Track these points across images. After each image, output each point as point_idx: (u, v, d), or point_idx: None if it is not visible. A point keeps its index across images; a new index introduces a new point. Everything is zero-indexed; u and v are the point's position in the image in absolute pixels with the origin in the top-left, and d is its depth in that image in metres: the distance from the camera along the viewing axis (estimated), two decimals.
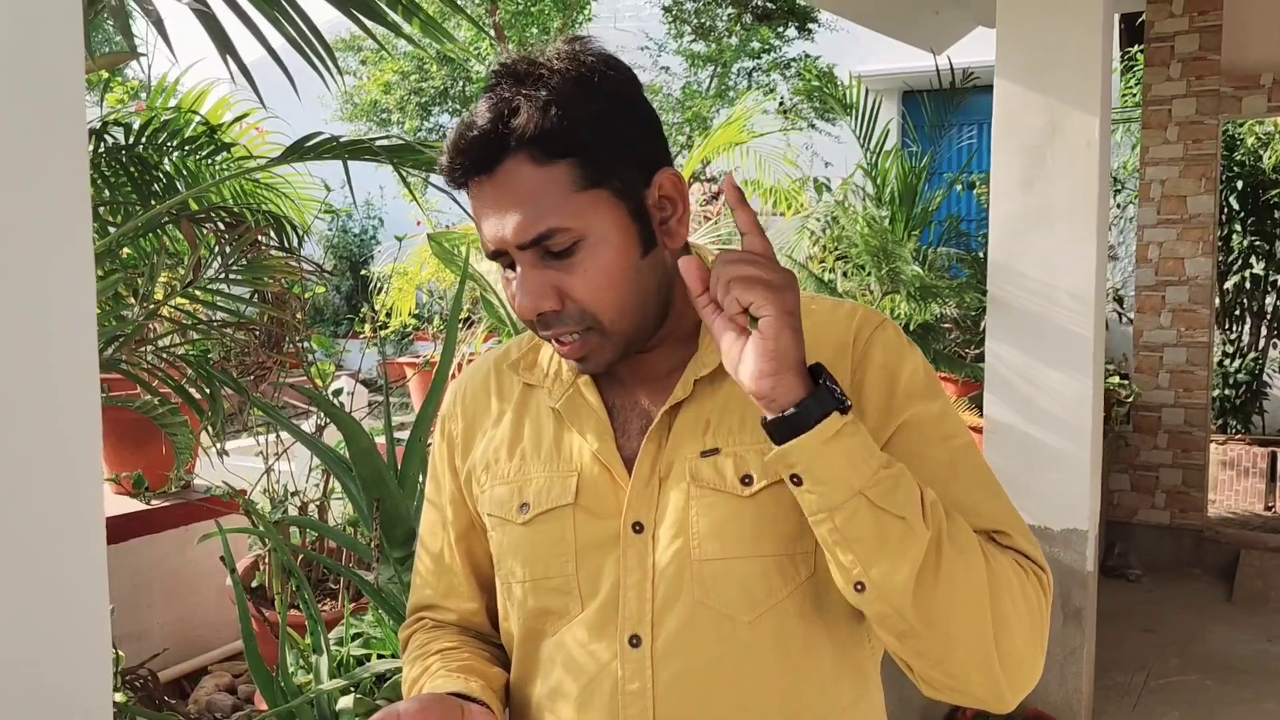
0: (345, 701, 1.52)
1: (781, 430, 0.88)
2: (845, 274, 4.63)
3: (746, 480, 0.97)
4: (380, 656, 1.71)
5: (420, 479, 1.86)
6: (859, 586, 0.89)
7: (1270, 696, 4.02)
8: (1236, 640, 4.40)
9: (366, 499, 1.83)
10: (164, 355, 1.83)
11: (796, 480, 0.89)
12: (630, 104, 0.97)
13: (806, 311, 0.98)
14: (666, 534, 0.99)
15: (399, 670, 1.64)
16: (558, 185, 0.93)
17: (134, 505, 2.34)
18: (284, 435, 2.23)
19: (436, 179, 1.94)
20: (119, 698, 1.38)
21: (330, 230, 11.78)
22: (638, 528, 1.00)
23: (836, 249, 4.56)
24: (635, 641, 0.99)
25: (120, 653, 1.47)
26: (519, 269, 0.96)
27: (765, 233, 0.91)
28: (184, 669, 2.50)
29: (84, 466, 0.88)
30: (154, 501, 2.34)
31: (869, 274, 4.24)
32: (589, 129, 0.93)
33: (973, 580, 0.91)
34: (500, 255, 0.97)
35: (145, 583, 2.48)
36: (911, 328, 3.67)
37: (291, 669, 1.70)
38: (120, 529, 2.34)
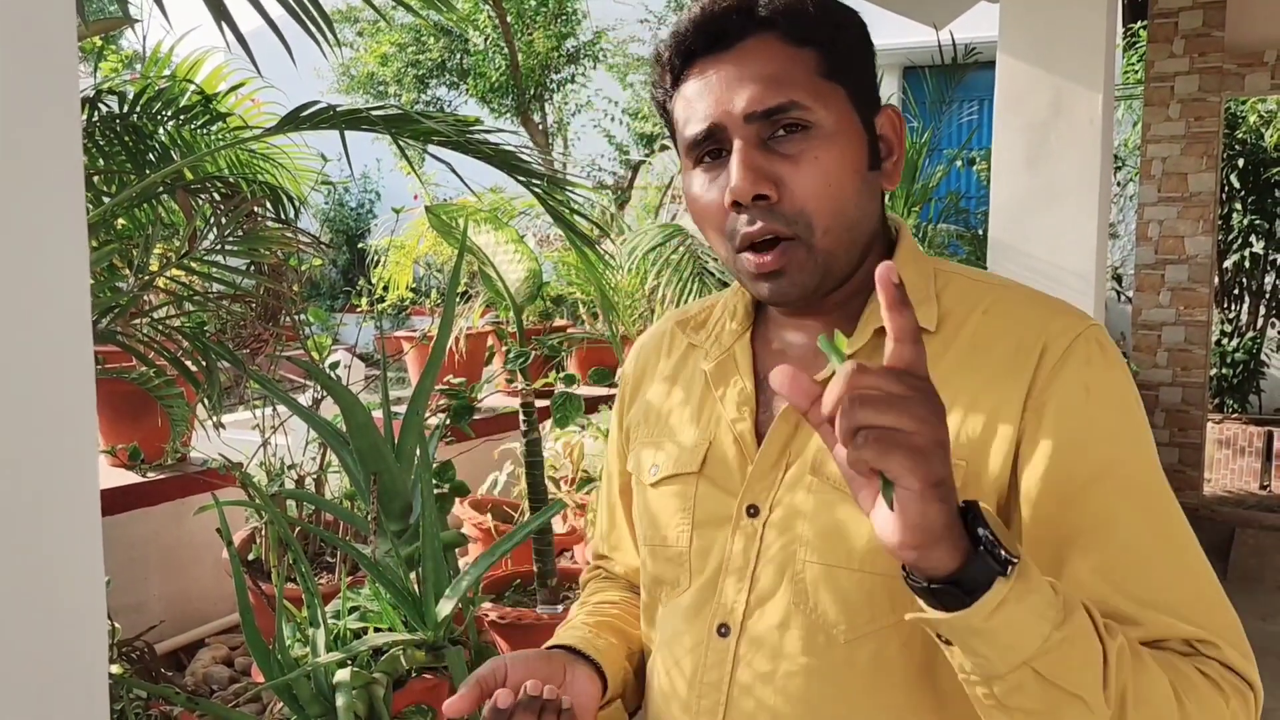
0: (342, 674, 1.51)
1: (929, 597, 0.72)
2: None
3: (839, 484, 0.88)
4: (377, 630, 1.70)
5: (417, 453, 1.85)
6: None
7: (1264, 673, 4.04)
8: None
9: (364, 472, 1.82)
10: (160, 327, 1.81)
11: (945, 641, 0.74)
12: (860, 32, 0.94)
13: (991, 301, 0.92)
14: (777, 525, 0.92)
15: (396, 644, 1.64)
16: (803, 67, 0.89)
17: (130, 478, 2.33)
18: (280, 409, 2.22)
19: (435, 149, 1.93)
20: (115, 670, 1.37)
21: (327, 204, 11.72)
22: (752, 511, 0.94)
23: None
24: (724, 631, 0.94)
25: (116, 625, 1.46)
26: (735, 150, 0.89)
27: (921, 345, 0.70)
28: (181, 641, 2.50)
29: (78, 437, 0.87)
30: (150, 474, 2.33)
31: None
32: (835, 25, 0.91)
33: None
34: (709, 139, 0.91)
35: (141, 555, 2.47)
36: None
37: (288, 642, 1.69)
38: (116, 501, 2.32)
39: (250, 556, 2.25)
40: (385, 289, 3.83)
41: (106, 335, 1.76)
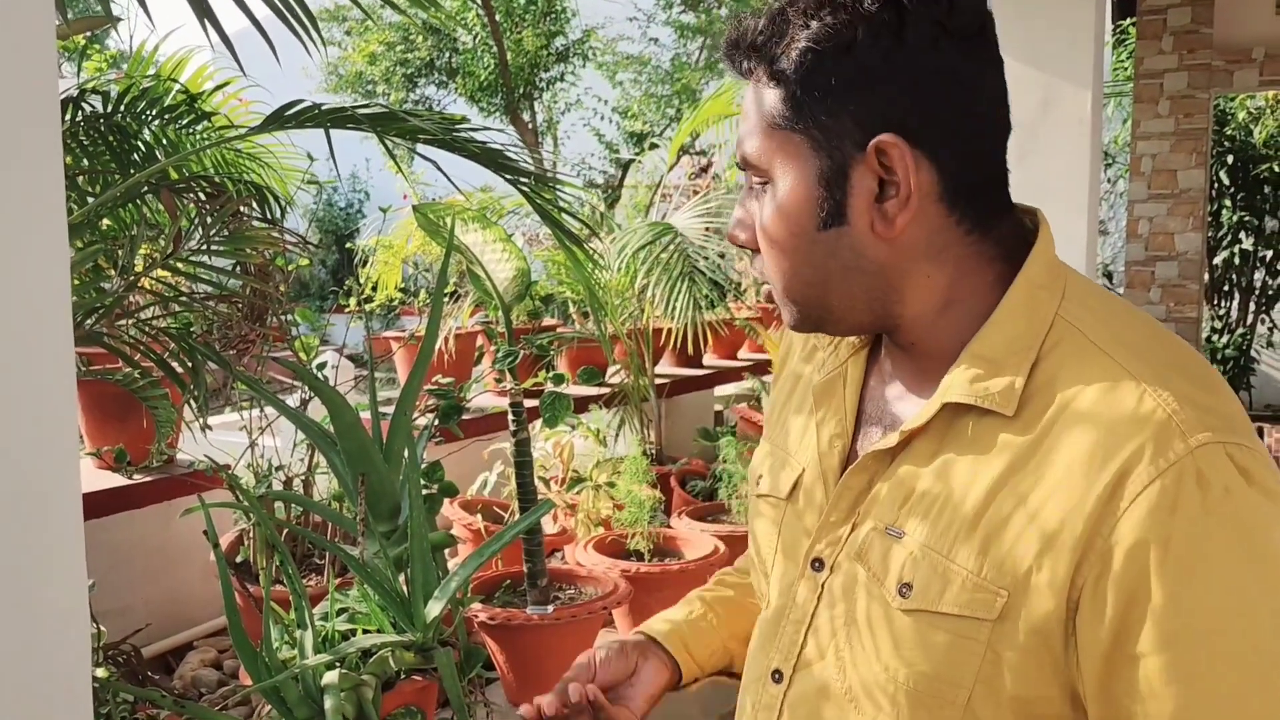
0: (330, 676, 1.50)
1: None
2: None
3: (904, 591, 0.82)
4: (366, 631, 1.69)
5: (405, 454, 1.84)
6: None
7: None
8: None
9: (351, 474, 1.81)
10: (145, 328, 1.80)
11: None
12: (860, 47, 0.78)
13: (1097, 378, 0.77)
14: (834, 590, 0.88)
15: (385, 645, 1.63)
16: (766, 112, 0.83)
17: (116, 480, 2.31)
18: (268, 410, 2.20)
19: (423, 148, 1.92)
20: (101, 673, 1.36)
21: (315, 204, 11.70)
22: (817, 565, 0.89)
23: None
24: (777, 677, 0.92)
25: (102, 628, 1.45)
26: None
27: None
28: (169, 644, 2.48)
29: (59, 438, 0.86)
30: (136, 476, 2.31)
31: None
32: (797, 61, 0.80)
33: None
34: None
35: (128, 558, 2.45)
36: None
37: (276, 644, 1.68)
38: (102, 504, 2.31)
39: (238, 559, 2.23)
40: (374, 289, 3.81)
41: (91, 336, 1.75)
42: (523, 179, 1.79)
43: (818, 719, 0.88)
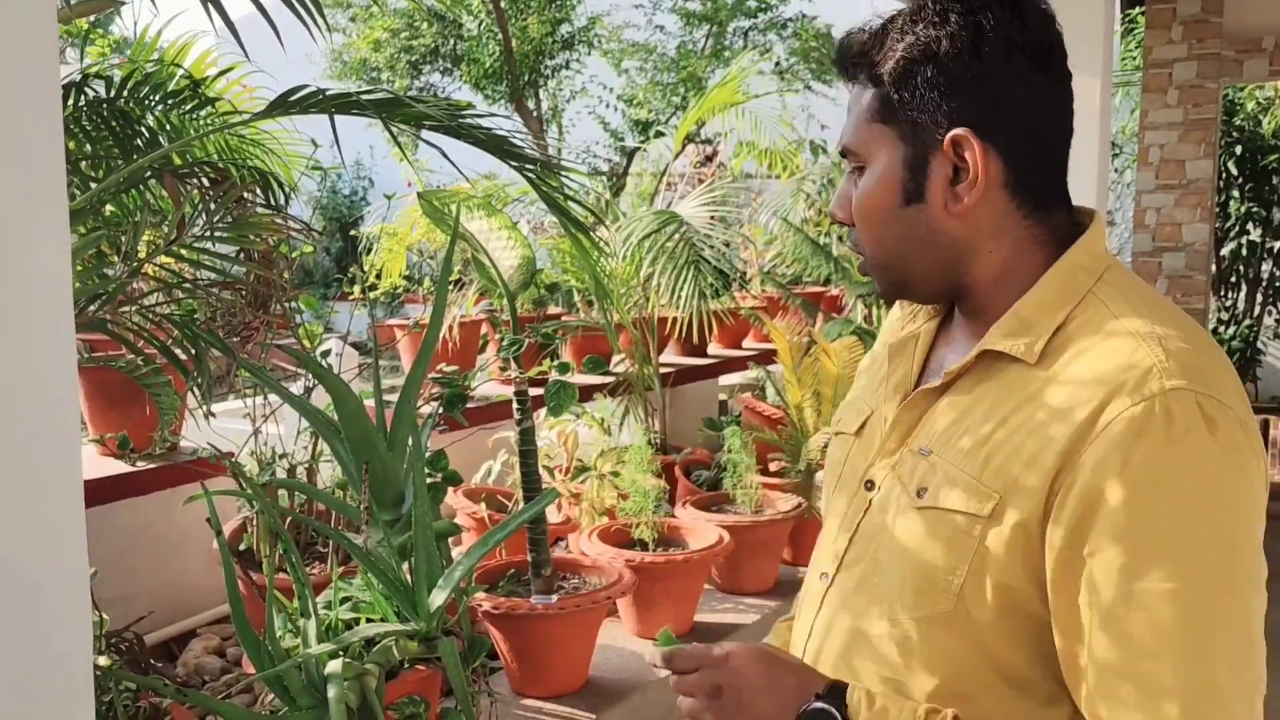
0: (334, 666, 1.50)
1: None
2: (841, 238, 4.59)
3: (921, 494, 1.00)
4: (369, 620, 1.69)
5: (410, 442, 1.83)
6: None
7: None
8: None
9: (355, 462, 1.80)
10: (149, 315, 1.79)
11: None
12: (945, 57, 0.97)
13: (1102, 332, 0.95)
14: (879, 504, 1.05)
15: (388, 634, 1.62)
16: (865, 109, 1.02)
17: (120, 467, 2.31)
18: (272, 397, 2.19)
19: (429, 135, 1.90)
20: (103, 661, 1.35)
21: (320, 191, 11.67)
22: (869, 485, 1.08)
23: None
24: (824, 577, 1.10)
25: (104, 616, 1.44)
26: None
27: (697, 670, 1.05)
28: (172, 631, 2.48)
29: (60, 425, 0.85)
30: (139, 464, 2.30)
31: None
32: (893, 68, 0.98)
33: None
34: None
35: (131, 545, 2.45)
36: None
37: (280, 633, 1.68)
38: (105, 491, 2.30)
39: (242, 546, 2.23)
40: (378, 276, 3.80)
41: (95, 323, 1.74)
42: (528, 165, 1.77)
43: (848, 607, 1.06)
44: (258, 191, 1.91)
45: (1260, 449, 0.92)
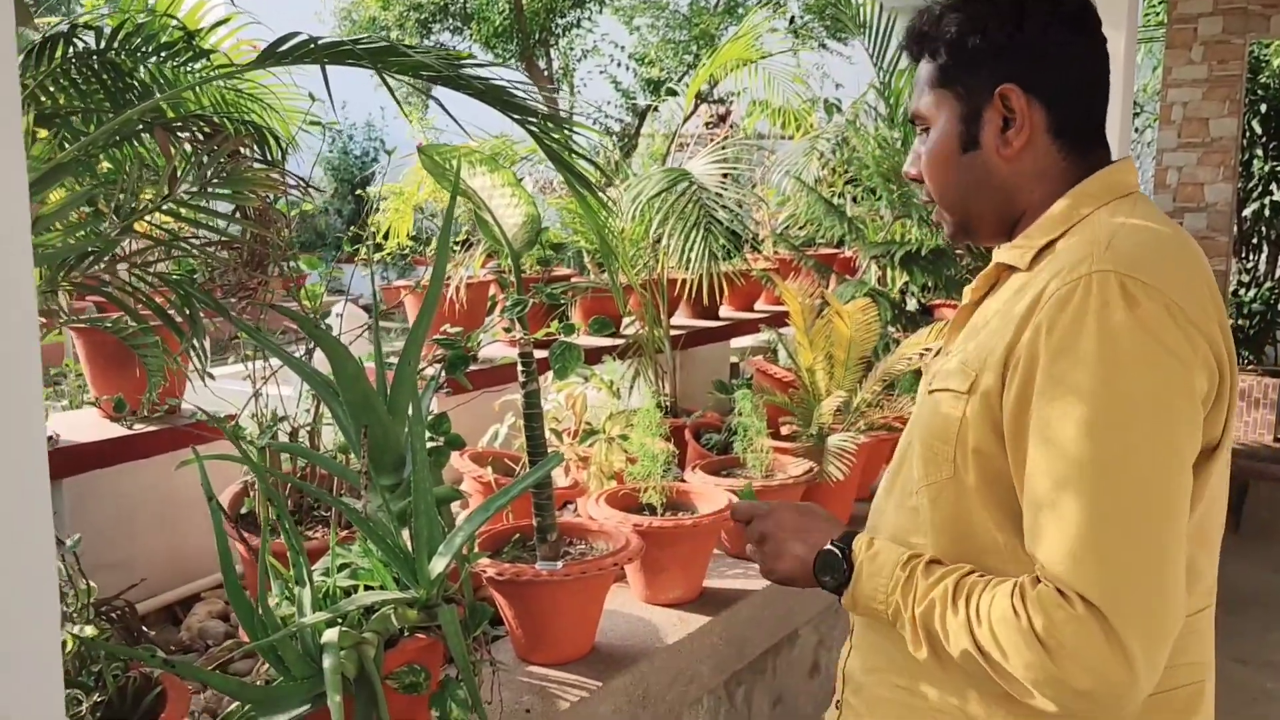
0: (330, 635, 1.46)
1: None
2: (855, 199, 4.50)
3: (933, 381, 1.22)
4: (368, 588, 1.64)
5: (410, 406, 1.78)
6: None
7: (1276, 626, 3.99)
8: (1243, 571, 4.36)
9: (355, 425, 1.76)
10: (142, 274, 1.74)
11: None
12: (991, 29, 1.18)
13: (1069, 241, 1.14)
14: (920, 399, 1.29)
15: (387, 602, 1.58)
16: (928, 77, 1.25)
17: (117, 430, 2.27)
18: (274, 359, 2.14)
19: (438, 91, 1.84)
20: (90, 631, 1.32)
21: (331, 152, 11.58)
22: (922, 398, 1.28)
23: (847, 172, 4.43)
24: (886, 483, 1.33)
25: (92, 584, 1.40)
26: None
27: (752, 522, 1.36)
28: (176, 596, 2.46)
29: (21, 388, 0.80)
30: (137, 426, 2.27)
31: (879, 198, 4.12)
32: (946, 41, 1.21)
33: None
34: None
35: (132, 509, 2.42)
36: (923, 253, 3.56)
37: (277, 600, 1.64)
38: (105, 454, 2.27)
39: (243, 510, 2.19)
40: (385, 237, 3.74)
41: (87, 282, 1.69)
42: (530, 118, 1.70)
43: (889, 491, 1.31)
44: (253, 147, 1.85)
45: (1195, 338, 1.04)
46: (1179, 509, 1.03)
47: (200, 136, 1.84)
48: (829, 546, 1.24)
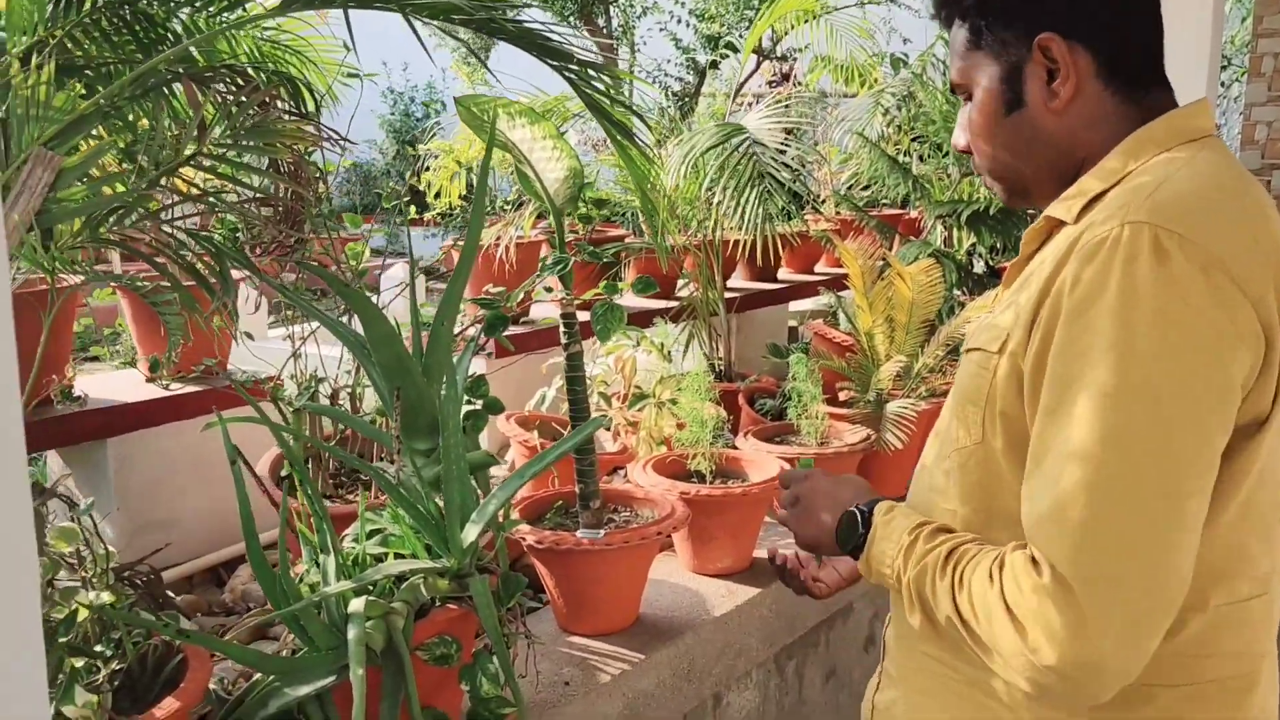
0: (355, 605, 1.40)
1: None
2: (921, 157, 4.34)
3: (970, 340, 1.16)
4: (399, 556, 1.59)
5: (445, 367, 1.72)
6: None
7: None
8: None
9: (389, 387, 1.70)
10: (172, 230, 1.69)
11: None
12: None
13: (1119, 192, 1.05)
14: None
15: (416, 571, 1.52)
16: (960, 43, 1.18)
17: (155, 391, 2.25)
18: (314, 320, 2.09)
19: (497, 53, 1.75)
20: (106, 598, 1.28)
21: (392, 114, 11.57)
22: None
23: (913, 128, 4.26)
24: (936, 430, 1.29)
25: (111, 549, 1.36)
26: None
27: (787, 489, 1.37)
28: (220, 557, 2.44)
29: None
30: (174, 386, 2.24)
31: (947, 155, 3.95)
32: (974, 1, 1.14)
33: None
34: None
35: (174, 469, 2.40)
36: (991, 212, 3.40)
37: (306, 567, 1.59)
38: (145, 415, 2.25)
39: (283, 474, 2.15)
40: (436, 196, 3.68)
41: (113, 238, 1.64)
42: (569, 65, 1.61)
43: (931, 453, 1.24)
44: (284, 96, 1.79)
45: (1234, 302, 0.94)
46: (1188, 487, 0.94)
47: (232, 89, 1.78)
48: (851, 509, 1.23)
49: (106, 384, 2.43)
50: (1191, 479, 0.95)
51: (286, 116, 1.76)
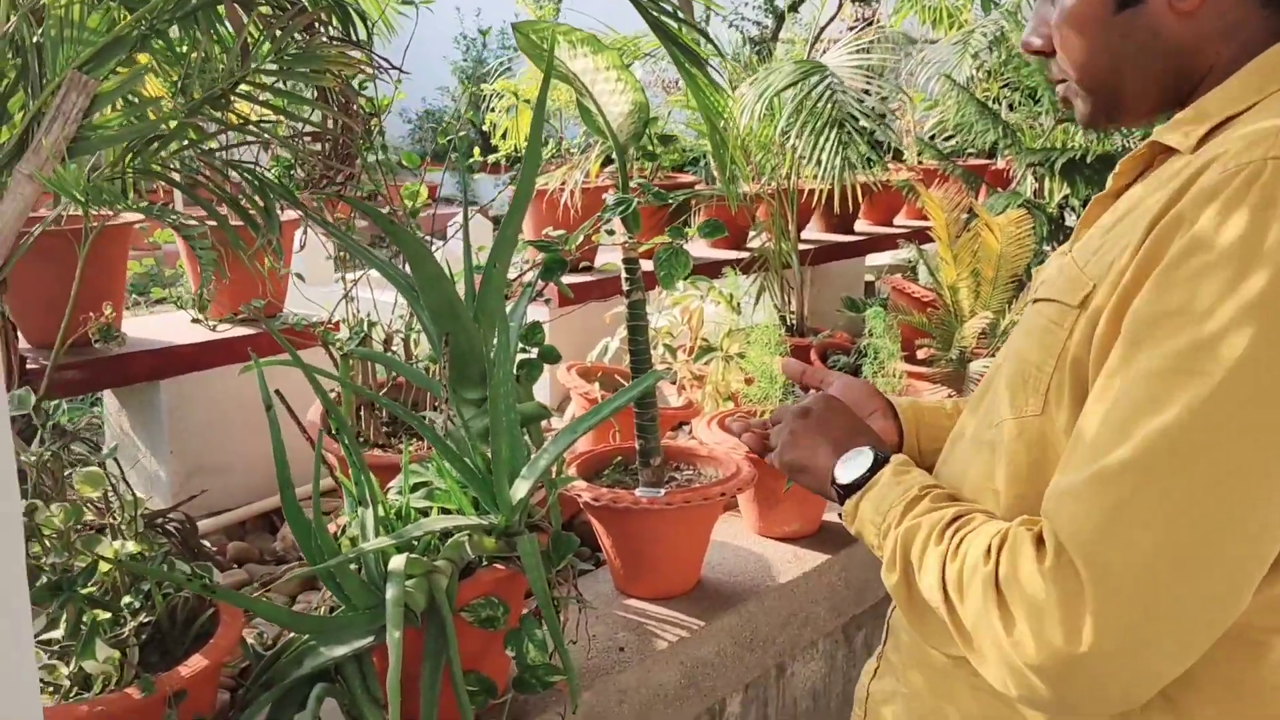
0: (396, 562, 1.31)
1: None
2: (1012, 105, 4.10)
3: (1040, 289, 0.97)
4: (444, 511, 1.50)
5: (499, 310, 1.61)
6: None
7: None
8: None
9: (438, 332, 1.60)
10: (211, 162, 1.60)
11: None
12: None
13: (1251, 121, 0.85)
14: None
15: (462, 528, 1.43)
16: None
17: (211, 334, 2.18)
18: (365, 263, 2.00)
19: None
20: (132, 547, 1.20)
21: (465, 61, 11.47)
22: None
23: (1003, 73, 4.02)
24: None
25: (139, 496, 1.29)
26: None
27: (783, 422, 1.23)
28: (272, 504, 2.39)
29: None
30: (220, 329, 2.17)
31: (1039, 101, 3.72)
32: None
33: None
34: None
35: (227, 414, 2.35)
36: (1089, 160, 3.19)
37: (349, 519, 1.51)
38: (196, 357, 2.19)
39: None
40: (502, 137, 3.57)
41: (150, 170, 1.56)
42: None
43: (972, 411, 1.07)
44: (333, 21, 1.68)
45: None
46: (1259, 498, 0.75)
47: (278, 11, 1.67)
48: (863, 446, 1.09)
49: (155, 325, 2.38)
50: None
51: (334, 43, 1.65)
